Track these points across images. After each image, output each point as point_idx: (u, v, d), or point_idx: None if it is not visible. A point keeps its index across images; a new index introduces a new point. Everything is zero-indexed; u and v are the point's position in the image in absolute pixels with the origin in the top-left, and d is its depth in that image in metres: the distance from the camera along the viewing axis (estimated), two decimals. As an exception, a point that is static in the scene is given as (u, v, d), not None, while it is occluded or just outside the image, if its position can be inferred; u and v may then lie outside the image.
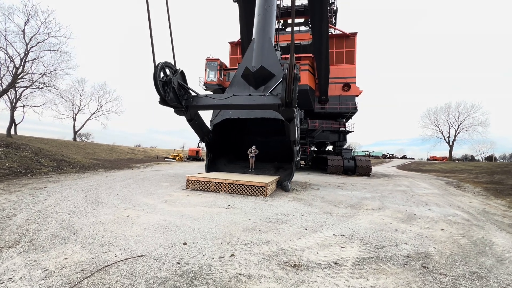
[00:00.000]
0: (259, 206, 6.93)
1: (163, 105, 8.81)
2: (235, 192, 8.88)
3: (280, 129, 14.25)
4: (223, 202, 7.23)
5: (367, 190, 12.20)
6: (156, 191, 8.52)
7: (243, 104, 8.97)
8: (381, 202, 8.86)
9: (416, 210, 7.60)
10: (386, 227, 5.52)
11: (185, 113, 9.68)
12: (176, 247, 3.73)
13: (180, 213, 5.74)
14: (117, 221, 4.86)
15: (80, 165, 13.39)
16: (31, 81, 22.13)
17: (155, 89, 8.32)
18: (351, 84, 26.66)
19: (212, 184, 9.13)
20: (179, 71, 9.19)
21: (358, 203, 8.49)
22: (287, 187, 10.22)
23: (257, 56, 12.98)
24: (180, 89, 9.27)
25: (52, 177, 9.73)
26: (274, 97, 8.76)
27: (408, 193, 11.55)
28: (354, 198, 9.34)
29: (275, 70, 12.68)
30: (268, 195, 8.74)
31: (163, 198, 7.42)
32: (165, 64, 8.62)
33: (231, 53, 31.45)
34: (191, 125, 10.67)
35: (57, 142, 29.56)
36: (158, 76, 8.19)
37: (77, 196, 6.88)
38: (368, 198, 9.56)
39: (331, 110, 26.26)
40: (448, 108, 53.84)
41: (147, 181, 10.85)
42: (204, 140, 12.00)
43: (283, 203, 7.59)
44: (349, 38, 27.18)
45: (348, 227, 5.37)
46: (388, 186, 14.30)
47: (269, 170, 13.10)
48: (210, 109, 9.70)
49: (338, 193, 10.51)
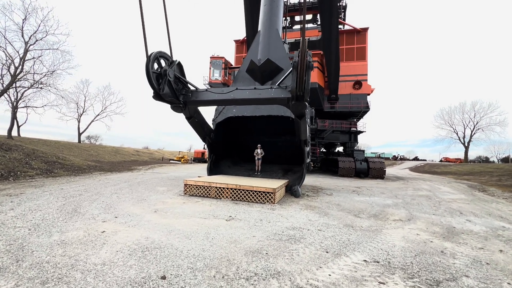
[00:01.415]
0: (266, 217, 5.83)
1: (158, 100, 7.82)
2: (239, 198, 7.81)
3: (288, 128, 13.12)
4: (223, 212, 6.16)
5: (386, 195, 10.95)
6: (149, 197, 7.51)
7: (248, 99, 7.90)
8: (407, 210, 7.63)
9: (453, 222, 6.36)
10: (427, 247, 4.34)
11: (183, 110, 8.68)
12: (150, 283, 2.67)
13: (169, 227, 4.69)
14: (86, 239, 3.84)
15: (74, 168, 12.56)
16: (33, 81, 21.64)
17: (148, 82, 7.34)
18: (363, 82, 25.34)
19: (213, 189, 8.08)
20: (175, 62, 8.21)
21: (381, 212, 7.29)
22: (297, 192, 9.09)
23: (263, 48, 11.94)
24: (177, 82, 8.28)
25: (37, 181, 8.85)
26: (283, 90, 7.68)
27: (433, 199, 10.25)
28: (375, 206, 8.14)
29: (283, 64, 11.58)
30: (276, 202, 7.63)
31: (154, 206, 6.39)
32: (160, 54, 7.64)
33: (236, 52, 30.55)
34: (190, 123, 9.66)
35: (60, 143, 29.11)
36: (151, 67, 7.21)
37: (53, 204, 5.91)
38: (390, 206, 8.35)
39: (342, 110, 24.98)
40: (463, 107, 51.49)
41: (142, 185, 9.88)
42: (205, 140, 10.97)
43: (294, 213, 6.47)
44: (360, 34, 25.89)
45: (379, 247, 4.22)
46: (408, 191, 12.98)
47: (277, 173, 11.98)
48: (211, 104, 8.67)
49: (355, 199, 9.32)
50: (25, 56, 19.64)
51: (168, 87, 7.82)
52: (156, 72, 7.48)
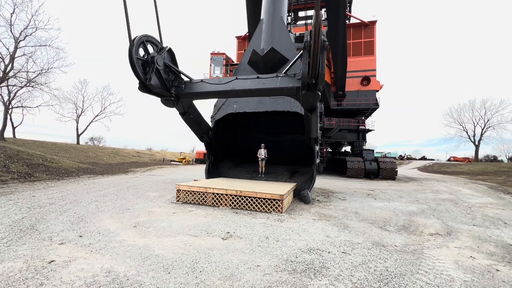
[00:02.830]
0: (273, 233, 4.65)
1: (144, 92, 6.69)
2: (240, 206, 6.64)
3: (295, 125, 11.93)
4: (220, 225, 4.99)
5: (405, 199, 9.71)
6: (134, 206, 6.38)
7: (250, 89, 6.73)
8: (440, 220, 6.40)
9: (504, 236, 5.14)
10: (496, 280, 3.14)
11: (176, 104, 7.52)
12: None
13: (146, 251, 3.54)
14: (19, 277, 2.70)
15: (61, 171, 11.50)
16: (26, 80, 20.69)
17: (132, 71, 6.22)
18: (371, 77, 24.02)
19: (209, 195, 6.91)
20: (166, 49, 7.09)
21: (410, 222, 6.08)
22: (307, 198, 7.90)
23: (266, 37, 10.77)
24: (167, 72, 7.15)
25: (8, 187, 7.76)
26: (291, 78, 6.51)
27: (461, 204, 8.99)
28: (399, 214, 6.92)
29: (289, 54, 10.38)
30: (284, 211, 6.44)
31: (136, 218, 5.24)
32: (146, 39, 6.52)
33: (238, 48, 29.44)
34: (185, 120, 8.51)
35: (57, 145, 28.20)
36: (135, 53, 6.10)
37: (9, 218, 4.77)
38: (417, 214, 7.12)
39: (349, 107, 23.68)
40: (473, 105, 49.72)
41: (132, 191, 8.76)
42: (203, 140, 9.81)
43: (307, 225, 5.29)
44: (367, 27, 24.58)
45: (433, 282, 3.02)
46: (427, 194, 11.72)
47: (283, 175, 10.79)
48: (207, 97, 7.50)
49: (373, 205, 8.10)
50: (15, 53, 18.68)
51: (156, 77, 6.69)
52: (141, 59, 6.36)
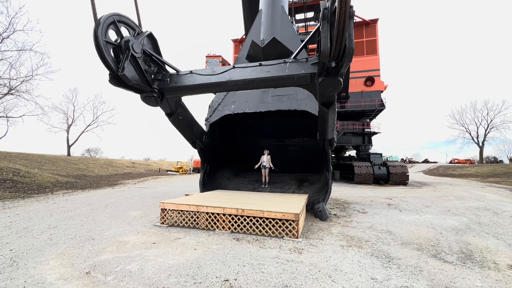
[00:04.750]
0: (294, 278, 3.13)
1: (116, 85, 5.24)
2: (242, 230, 5.12)
3: (303, 127, 10.52)
4: (216, 265, 3.48)
5: (434, 209, 8.24)
6: (102, 234, 4.84)
7: (251, 80, 5.32)
8: (501, 240, 4.92)
9: None
10: None
11: (160, 102, 6.02)
12: None
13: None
14: None
15: (32, 186, 9.94)
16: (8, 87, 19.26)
17: (99, 57, 4.79)
18: (375, 77, 22.84)
19: (203, 215, 5.40)
20: (145, 33, 5.69)
21: (466, 245, 4.59)
22: (324, 213, 6.41)
23: (266, 28, 9.47)
24: (148, 62, 5.73)
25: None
26: (303, 64, 5.12)
27: (500, 214, 7.53)
28: (443, 232, 5.43)
29: (293, 46, 9.02)
30: (300, 234, 4.94)
31: (97, 257, 3.71)
32: (119, 19, 5.11)
33: (234, 52, 28.34)
34: (172, 122, 7.00)
35: (45, 157, 26.51)
36: (102, 35, 4.68)
37: None
38: (464, 231, 5.63)
39: (354, 109, 22.38)
40: (474, 105, 48.86)
41: (110, 209, 7.22)
42: (195, 146, 8.31)
43: (336, 259, 3.78)
44: (369, 26, 23.57)
45: None
46: (453, 201, 10.24)
47: (290, 185, 9.30)
48: (199, 91, 6.02)
49: (403, 220, 6.61)
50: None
51: (133, 66, 5.24)
52: (112, 43, 4.93)
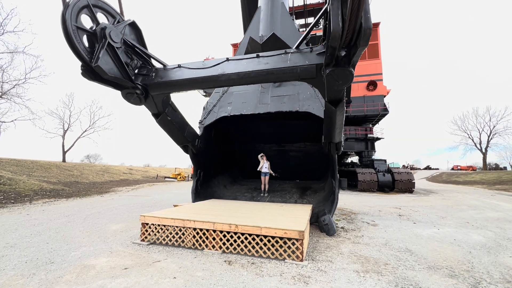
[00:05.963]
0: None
1: (90, 79, 4.51)
2: (236, 249, 4.30)
3: (305, 130, 9.78)
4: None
5: (450, 221, 7.42)
6: (67, 255, 4.02)
7: (247, 73, 4.59)
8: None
9: None
10: None
11: (144, 100, 5.27)
12: None
13: None
14: None
15: (9, 195, 9.11)
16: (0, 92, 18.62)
17: (68, 45, 4.07)
18: (378, 82, 22.23)
19: (189, 231, 4.57)
20: (127, 22, 4.99)
21: (506, 269, 3.76)
22: (331, 227, 5.59)
23: (265, 23, 8.84)
24: (129, 54, 5.02)
25: None
26: (307, 54, 4.42)
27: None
28: (472, 251, 4.60)
29: (294, 43, 8.36)
30: (305, 255, 4.11)
31: (47, 288, 2.91)
32: (94, 3, 4.41)
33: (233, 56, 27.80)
34: (160, 123, 6.23)
35: (38, 163, 25.69)
36: (71, 19, 3.97)
37: None
38: (495, 249, 4.81)
39: (356, 114, 21.70)
40: (476, 111, 48.25)
41: (88, 222, 6.39)
42: (187, 150, 7.52)
43: (353, 292, 2.97)
44: (371, 29, 23.07)
45: None
46: (468, 211, 9.41)
47: (291, 194, 8.48)
48: (188, 87, 5.25)
49: (421, 234, 5.79)
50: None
51: (110, 58, 4.50)
52: (85, 30, 4.21)
